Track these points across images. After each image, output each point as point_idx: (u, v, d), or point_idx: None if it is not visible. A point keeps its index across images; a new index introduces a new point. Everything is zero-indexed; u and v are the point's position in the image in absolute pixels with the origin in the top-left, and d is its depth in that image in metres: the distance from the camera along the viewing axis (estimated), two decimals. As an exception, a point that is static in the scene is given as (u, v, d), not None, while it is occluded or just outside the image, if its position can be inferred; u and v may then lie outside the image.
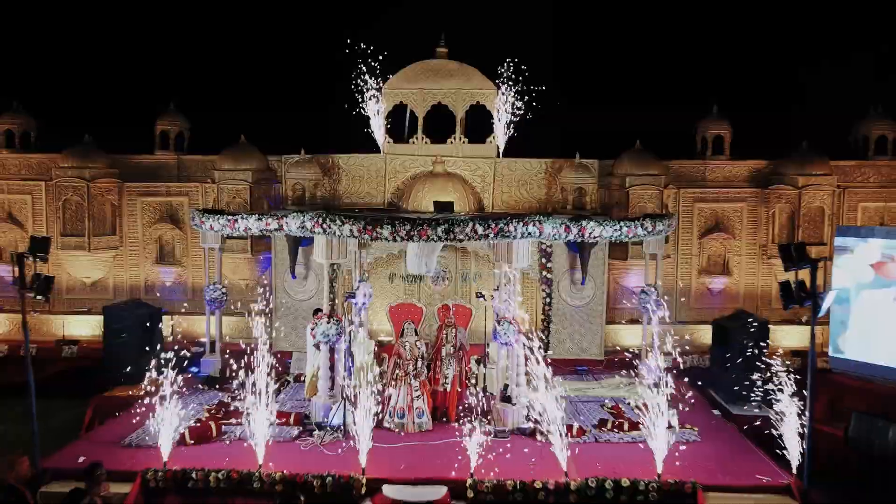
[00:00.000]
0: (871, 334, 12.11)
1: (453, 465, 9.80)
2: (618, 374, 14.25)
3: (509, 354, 11.69)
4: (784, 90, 19.35)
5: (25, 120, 17.82)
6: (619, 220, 12.78)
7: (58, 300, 17.27)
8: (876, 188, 16.94)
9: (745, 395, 11.80)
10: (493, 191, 17.21)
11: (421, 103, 17.16)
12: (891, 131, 17.08)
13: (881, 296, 11.95)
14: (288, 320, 16.12)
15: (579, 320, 16.07)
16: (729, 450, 10.83)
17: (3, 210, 17.38)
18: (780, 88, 19.46)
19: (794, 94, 19.23)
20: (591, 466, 9.89)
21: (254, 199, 16.60)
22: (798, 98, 18.98)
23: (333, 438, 10.95)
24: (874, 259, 12.01)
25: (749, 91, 19.31)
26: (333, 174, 17.35)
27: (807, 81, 19.16)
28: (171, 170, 17.64)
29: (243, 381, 10.46)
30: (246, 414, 9.97)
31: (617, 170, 16.92)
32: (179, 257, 17.47)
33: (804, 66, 19.36)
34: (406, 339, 12.28)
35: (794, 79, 19.47)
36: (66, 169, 16.78)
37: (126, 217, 17.36)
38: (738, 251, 17.19)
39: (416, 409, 11.55)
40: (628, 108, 18.11)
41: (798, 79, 19.34)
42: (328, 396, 11.75)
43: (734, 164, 17.41)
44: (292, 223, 12.00)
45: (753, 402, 11.32)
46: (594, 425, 11.65)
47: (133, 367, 13.57)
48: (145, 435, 10.87)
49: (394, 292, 16.16)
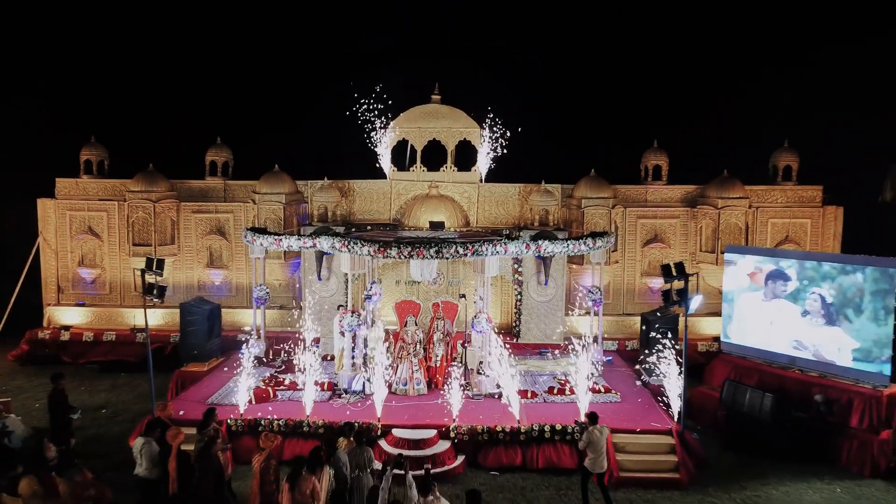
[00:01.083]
0: (746, 325, 16.33)
1: (441, 416, 14.14)
2: (571, 354, 18.50)
3: (483, 339, 16.00)
4: (712, 126, 23.68)
5: (100, 151, 22.01)
6: (567, 239, 16.99)
7: (128, 296, 21.56)
8: (782, 207, 21.09)
9: (651, 370, 15.91)
10: (477, 209, 21.50)
11: (419, 139, 21.42)
12: (794, 161, 21.26)
13: (753, 297, 16.18)
14: (315, 312, 20.33)
15: (544, 313, 20.26)
16: (638, 407, 15.13)
17: (84, 224, 21.54)
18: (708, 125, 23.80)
19: (721, 130, 23.55)
20: (538, 418, 14.18)
21: (286, 216, 20.82)
22: (724, 132, 23.29)
23: (356, 399, 15.29)
24: (749, 270, 16.19)
25: (684, 127, 23.60)
26: (349, 196, 21.62)
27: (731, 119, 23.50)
28: (218, 192, 21.86)
29: (284, 358, 14.66)
30: (299, 381, 14.26)
31: (575, 193, 21.12)
32: (226, 262, 21.67)
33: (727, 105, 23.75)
34: (408, 328, 16.56)
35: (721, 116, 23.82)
36: (136, 192, 20.91)
37: (182, 230, 21.53)
38: (673, 257, 21.29)
39: (416, 379, 15.86)
40: (587, 143, 22.42)
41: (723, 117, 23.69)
42: (351, 369, 16.07)
43: (670, 188, 21.63)
44: (324, 243, 16.24)
45: (657, 374, 15.43)
46: (545, 391, 15.93)
47: (200, 350, 17.99)
48: (224, 395, 15.22)
49: (398, 292, 20.27)
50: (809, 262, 15.19)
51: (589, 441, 11.79)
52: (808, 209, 20.94)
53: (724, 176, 20.90)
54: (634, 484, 12.90)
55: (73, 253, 21.60)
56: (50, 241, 21.51)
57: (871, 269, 13.98)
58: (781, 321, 15.53)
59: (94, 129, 22.14)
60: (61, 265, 21.63)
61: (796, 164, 21.27)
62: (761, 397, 14.21)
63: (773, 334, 15.68)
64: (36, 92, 24.83)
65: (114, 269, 21.61)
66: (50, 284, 21.60)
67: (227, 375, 16.62)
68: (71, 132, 22.68)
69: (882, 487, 13.02)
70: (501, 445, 13.69)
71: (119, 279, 21.55)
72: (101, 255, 21.59)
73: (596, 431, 11.86)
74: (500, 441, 13.73)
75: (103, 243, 21.51)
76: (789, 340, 15.42)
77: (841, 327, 14.54)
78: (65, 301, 21.63)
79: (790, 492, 12.76)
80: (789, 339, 15.42)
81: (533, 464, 13.55)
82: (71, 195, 21.62)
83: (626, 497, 12.53)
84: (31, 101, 25.06)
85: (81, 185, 21.68)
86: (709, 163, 21.74)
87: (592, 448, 11.75)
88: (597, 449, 11.73)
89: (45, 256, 21.53)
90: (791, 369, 15.29)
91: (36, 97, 25.09)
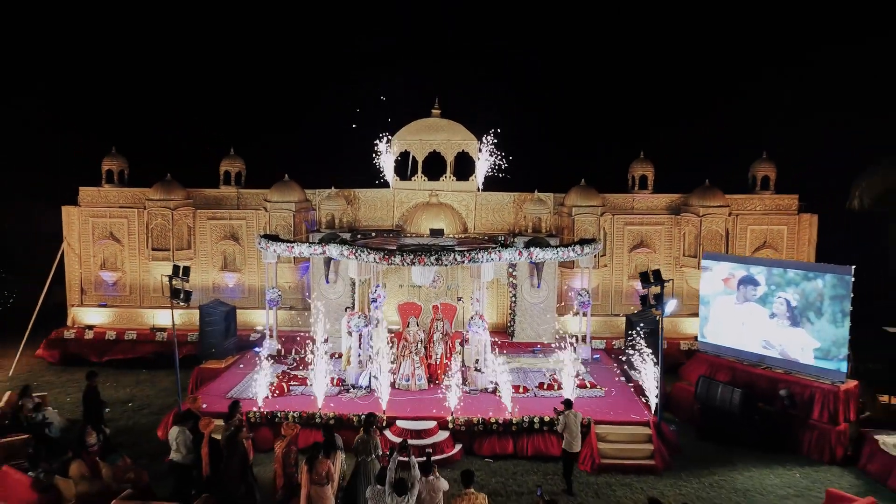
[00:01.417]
0: (721, 326, 17.75)
1: (440, 409, 15.57)
2: (560, 352, 19.95)
3: (479, 339, 17.44)
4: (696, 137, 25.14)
5: (121, 161, 23.44)
6: (558, 246, 18.47)
7: (147, 297, 23.03)
8: (760, 215, 22.50)
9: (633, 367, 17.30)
10: (475, 217, 22.94)
11: (420, 150, 22.85)
12: (772, 172, 22.69)
13: (726, 300, 17.60)
14: (323, 313, 21.74)
15: (536, 314, 21.72)
16: (620, 401, 16.56)
17: (106, 230, 22.98)
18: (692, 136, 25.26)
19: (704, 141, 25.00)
20: (529, 411, 15.59)
21: (296, 223, 22.25)
22: (707, 143, 24.74)
23: (363, 393, 16.73)
24: (724, 276, 17.62)
25: (669, 138, 25.06)
26: (354, 204, 23.06)
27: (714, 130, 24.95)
28: (232, 200, 23.30)
29: (296, 356, 16.06)
30: (309, 377, 15.73)
31: (566, 201, 22.54)
32: (239, 266, 23.12)
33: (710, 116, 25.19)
34: (410, 329, 17.99)
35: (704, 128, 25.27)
36: (155, 200, 22.36)
37: (198, 235, 22.97)
38: (658, 262, 22.77)
39: (417, 375, 17.30)
40: (578, 153, 23.82)
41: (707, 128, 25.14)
42: (357, 366, 17.51)
43: (655, 197, 23.06)
44: (333, 251, 17.68)
45: (636, 370, 16.83)
46: (536, 386, 17.36)
47: (218, 348, 19.43)
48: (242, 390, 16.67)
49: (401, 294, 21.64)
50: (776, 268, 16.63)
51: (565, 424, 13.59)
52: (785, 217, 22.36)
53: (705, 185, 22.32)
54: (614, 469, 14.32)
55: (95, 257, 23.03)
56: (74, 245, 22.94)
57: (830, 276, 15.42)
58: (752, 322, 16.97)
59: (113, 140, 23.57)
60: (84, 268, 23.07)
61: (774, 174, 22.70)
62: (731, 392, 15.65)
63: (745, 334, 17.12)
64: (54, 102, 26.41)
65: (133, 273, 23.04)
66: (74, 286, 23.04)
67: (243, 372, 18.13)
68: (92, 142, 24.12)
69: (837, 473, 14.46)
70: (495, 435, 15.13)
71: (138, 282, 22.99)
72: (121, 258, 23.03)
73: (571, 415, 13.65)
74: (494, 431, 15.16)
75: (124, 248, 22.94)
76: (759, 340, 16.86)
77: (804, 328, 15.98)
78: (88, 302, 23.07)
79: (753, 476, 14.19)
80: (759, 339, 16.86)
81: (523, 452, 14.98)
82: (93, 203, 23.04)
83: (606, 481, 13.96)
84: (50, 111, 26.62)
85: (103, 194, 23.10)
86: (692, 172, 23.15)
87: (568, 430, 13.54)
88: (571, 431, 13.53)
89: (69, 260, 22.94)
90: (760, 366, 16.72)
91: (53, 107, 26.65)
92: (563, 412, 13.78)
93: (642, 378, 16.10)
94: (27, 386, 16.12)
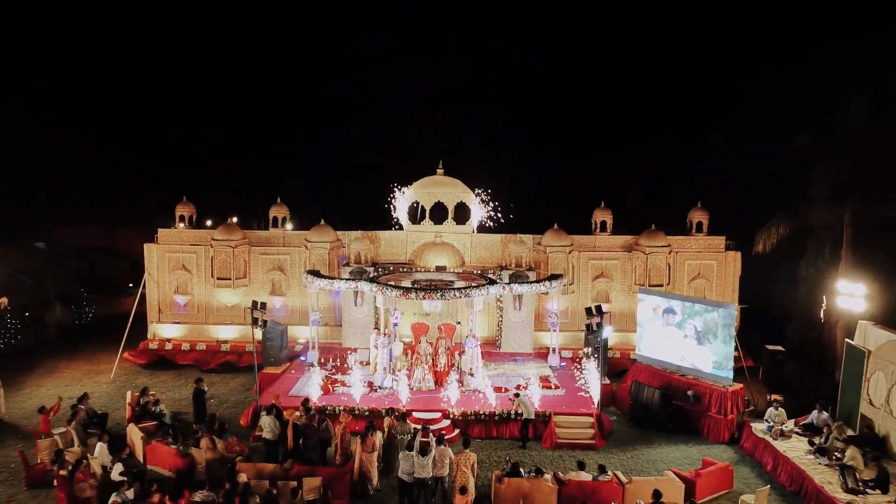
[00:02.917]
0: (651, 343, 23.84)
1: (444, 404, 21.66)
2: (537, 361, 26.15)
3: (472, 352, 23.55)
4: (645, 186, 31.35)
5: (190, 207, 29.56)
6: (533, 281, 24.57)
7: (213, 315, 29.14)
8: (695, 252, 28.58)
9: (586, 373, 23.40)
10: (470, 254, 29.06)
11: (427, 201, 28.95)
12: (704, 218, 28.77)
13: (655, 324, 23.67)
14: (352, 329, 27.94)
15: (518, 330, 27.81)
16: (575, 398, 22.63)
17: (180, 263, 29.08)
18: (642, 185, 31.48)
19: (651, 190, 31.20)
20: (507, 406, 21.66)
21: (330, 259, 28.33)
22: (653, 193, 30.93)
23: (387, 392, 22.81)
24: (653, 306, 23.71)
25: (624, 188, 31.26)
26: (376, 242, 29.18)
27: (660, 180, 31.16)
28: (279, 240, 29.40)
29: (333, 364, 22.30)
30: (348, 380, 21.91)
31: (542, 241, 28.61)
32: (284, 291, 29.22)
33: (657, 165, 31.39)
34: (421, 345, 24.07)
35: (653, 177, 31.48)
36: (219, 240, 28.46)
37: (252, 267, 29.07)
38: (615, 289, 28.91)
39: (426, 379, 23.38)
40: (552, 203, 29.87)
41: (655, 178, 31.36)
42: (382, 372, 23.60)
43: (613, 238, 29.15)
44: (364, 287, 23.78)
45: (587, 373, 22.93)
46: (514, 388, 23.42)
47: (275, 358, 25.57)
48: (299, 390, 22.81)
49: (414, 317, 27.51)
50: (688, 303, 22.75)
51: (520, 403, 20.13)
52: (714, 254, 28.44)
53: (651, 229, 28.38)
54: (566, 447, 20.34)
55: (170, 284, 29.12)
56: (153, 275, 29.03)
57: (721, 310, 21.56)
58: (671, 341, 23.09)
59: (184, 190, 29.74)
60: (161, 293, 29.18)
61: (706, 219, 28.79)
62: (654, 392, 21.75)
63: (667, 350, 23.23)
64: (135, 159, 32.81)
65: (200, 296, 29.14)
66: (153, 307, 29.15)
67: (295, 377, 24.23)
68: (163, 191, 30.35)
69: (723, 449, 20.53)
70: (483, 423, 21.21)
71: (205, 303, 29.08)
72: (191, 285, 29.14)
73: (523, 398, 20.26)
74: (483, 420, 21.25)
75: (193, 276, 29.03)
76: (676, 354, 22.97)
77: (706, 346, 22.08)
78: (164, 319, 29.17)
79: (662, 451, 20.27)
80: (676, 354, 22.97)
81: (503, 435, 21.05)
82: (169, 241, 29.14)
83: (559, 455, 20.02)
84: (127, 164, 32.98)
85: (176, 234, 29.19)
86: (642, 217, 29.26)
87: (524, 407, 20.21)
88: (527, 408, 20.17)
89: (150, 286, 29.04)
90: (676, 373, 22.82)
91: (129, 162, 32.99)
92: (518, 394, 20.61)
93: (590, 382, 22.24)
94: (146, 387, 22.23)
